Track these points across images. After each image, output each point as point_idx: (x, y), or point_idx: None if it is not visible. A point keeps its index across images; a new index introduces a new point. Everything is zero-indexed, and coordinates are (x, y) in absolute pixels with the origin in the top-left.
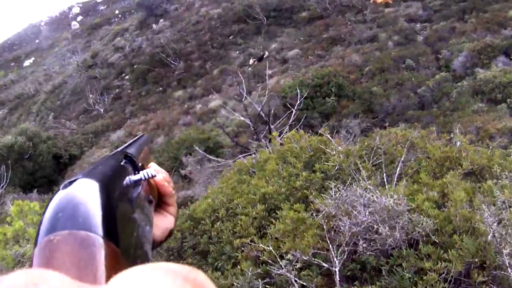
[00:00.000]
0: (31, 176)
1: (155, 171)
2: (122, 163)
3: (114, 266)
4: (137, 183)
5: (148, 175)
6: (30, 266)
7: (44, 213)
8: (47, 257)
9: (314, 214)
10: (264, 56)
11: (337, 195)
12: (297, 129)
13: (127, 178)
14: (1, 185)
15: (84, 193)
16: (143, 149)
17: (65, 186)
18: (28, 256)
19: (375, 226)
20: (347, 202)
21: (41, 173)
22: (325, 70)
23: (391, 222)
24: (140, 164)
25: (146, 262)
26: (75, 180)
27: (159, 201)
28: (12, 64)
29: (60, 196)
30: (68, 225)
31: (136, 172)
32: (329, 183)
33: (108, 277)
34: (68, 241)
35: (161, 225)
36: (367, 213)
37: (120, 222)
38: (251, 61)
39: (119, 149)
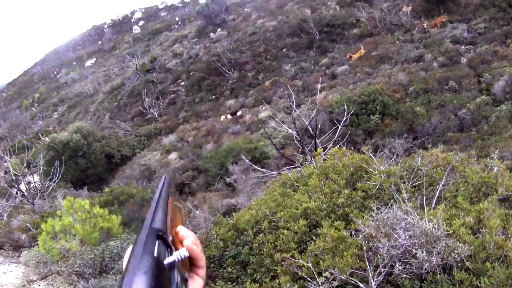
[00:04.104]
0: (83, 173)
1: (185, 238)
2: (158, 255)
3: None
4: (171, 264)
5: (181, 256)
6: None
7: None
8: None
9: (353, 233)
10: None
11: (378, 217)
12: (340, 145)
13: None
14: (54, 180)
15: None
16: (170, 209)
17: None
18: (73, 252)
19: (413, 250)
20: (387, 224)
21: (93, 171)
22: (371, 88)
23: (428, 246)
24: (169, 221)
25: None
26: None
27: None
28: (75, 63)
29: None
30: None
31: (169, 250)
32: (370, 202)
33: None
34: None
35: None
36: (406, 237)
37: None
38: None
39: (148, 221)
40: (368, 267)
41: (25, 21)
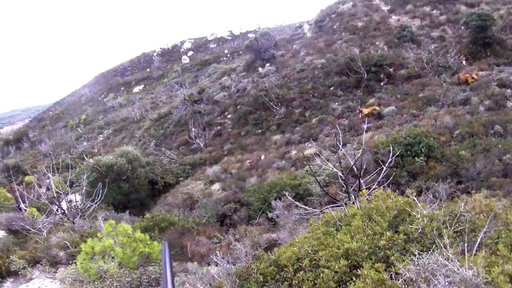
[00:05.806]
0: (125, 197)
1: None
2: None
3: None
4: None
5: None
6: None
7: None
8: None
9: (394, 276)
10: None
11: (419, 261)
12: (384, 186)
13: None
14: (96, 201)
15: None
16: None
17: None
18: (110, 274)
19: None
20: (428, 270)
21: (135, 195)
22: (417, 130)
23: None
24: None
25: None
26: None
27: None
28: (122, 88)
29: None
30: None
31: None
32: (412, 246)
33: None
34: None
35: None
36: (446, 283)
37: None
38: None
39: None
40: None
41: (76, 44)
